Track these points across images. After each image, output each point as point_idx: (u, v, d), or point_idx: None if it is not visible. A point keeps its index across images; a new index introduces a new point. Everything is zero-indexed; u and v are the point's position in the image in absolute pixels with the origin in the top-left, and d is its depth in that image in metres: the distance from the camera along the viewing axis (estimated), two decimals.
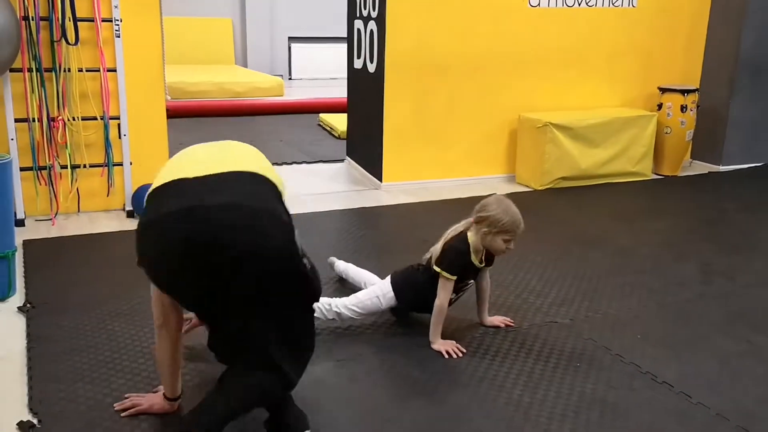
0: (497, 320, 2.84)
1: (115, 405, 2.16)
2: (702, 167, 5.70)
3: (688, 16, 5.58)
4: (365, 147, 5.32)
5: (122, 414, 2.12)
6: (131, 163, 4.19)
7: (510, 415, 2.20)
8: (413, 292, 2.72)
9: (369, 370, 2.44)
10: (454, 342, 2.62)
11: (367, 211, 4.49)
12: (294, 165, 5.62)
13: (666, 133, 5.36)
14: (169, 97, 7.88)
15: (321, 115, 7.56)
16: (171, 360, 2.02)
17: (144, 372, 2.39)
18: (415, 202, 4.67)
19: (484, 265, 2.69)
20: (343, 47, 5.74)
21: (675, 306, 3.04)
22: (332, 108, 7.73)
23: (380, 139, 4.95)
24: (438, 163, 5.09)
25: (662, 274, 3.39)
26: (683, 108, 5.30)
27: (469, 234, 2.64)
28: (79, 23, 3.88)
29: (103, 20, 3.97)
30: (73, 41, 3.88)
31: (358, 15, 5.18)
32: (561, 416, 2.21)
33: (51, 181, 4.05)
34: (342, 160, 5.78)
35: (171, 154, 5.33)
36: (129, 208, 4.18)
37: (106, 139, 4.11)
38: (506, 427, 2.14)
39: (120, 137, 4.14)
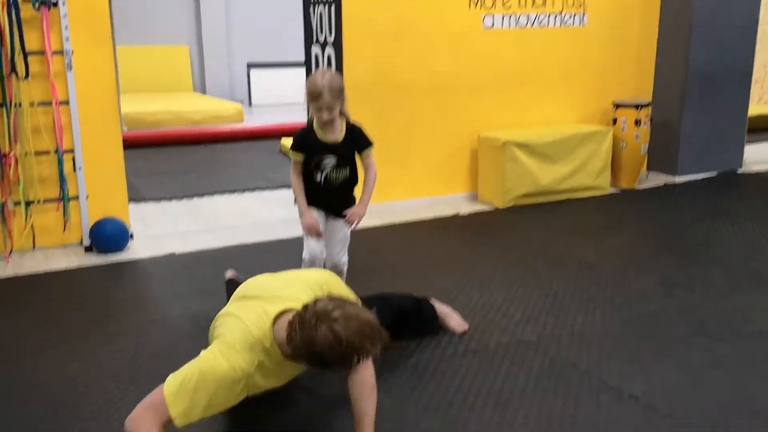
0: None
1: None
2: (658, 179, 5.82)
3: (638, 33, 5.72)
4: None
5: None
6: (87, 197, 4.11)
7: None
8: None
9: (336, 396, 2.40)
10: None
11: None
12: (256, 191, 5.57)
13: (622, 147, 5.46)
14: (125, 128, 7.78)
15: (283, 139, 7.52)
16: None
17: (102, 415, 2.31)
18: (379, 226, 4.66)
19: (340, 141, 3.00)
20: (303, 72, 5.73)
21: (638, 320, 3.07)
22: (293, 132, 7.68)
23: None
24: (400, 183, 5.10)
25: (625, 289, 3.43)
26: (637, 122, 5.41)
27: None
28: (29, 57, 3.81)
29: (54, 53, 3.90)
30: (23, 75, 3.80)
31: (315, 40, 5.19)
32: None
33: (4, 218, 3.94)
34: None
35: (129, 185, 5.28)
36: (87, 243, 4.09)
37: (61, 173, 4.02)
38: None
39: (75, 171, 4.06)
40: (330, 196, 3.09)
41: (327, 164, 3.03)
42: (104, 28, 4.06)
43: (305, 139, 3.04)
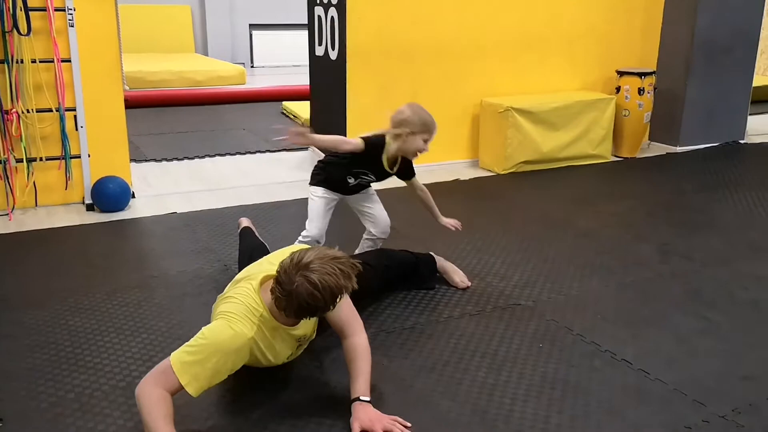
0: (450, 222, 3.14)
1: None
2: (660, 148, 5.81)
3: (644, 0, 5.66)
4: (329, 134, 5.29)
5: None
6: (89, 156, 4.11)
7: (475, 398, 2.23)
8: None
9: (335, 358, 2.45)
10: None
11: None
12: (258, 154, 5.57)
13: (624, 115, 5.44)
14: (126, 87, 7.74)
15: (284, 102, 7.50)
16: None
17: (107, 367, 2.36)
18: (380, 189, 4.66)
19: (394, 171, 3.02)
20: (306, 34, 5.68)
21: (634, 286, 3.10)
22: (295, 96, 7.68)
23: (344, 126, 4.93)
24: None
25: (622, 255, 3.46)
26: (641, 91, 5.38)
27: (387, 136, 2.92)
28: (31, 13, 3.78)
29: (56, 9, 3.87)
30: (25, 32, 3.77)
31: (318, 2, 5.14)
32: (524, 397, 2.25)
33: (6, 175, 3.95)
34: (306, 149, 5.75)
35: (130, 145, 5.25)
36: (88, 201, 4.11)
37: (63, 131, 4.02)
38: (471, 409, 2.17)
39: (77, 129, 4.06)
40: (355, 189, 3.14)
41: (365, 180, 3.08)
42: None
43: (370, 155, 2.94)
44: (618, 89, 5.47)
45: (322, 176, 3.08)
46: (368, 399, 2.07)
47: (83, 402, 2.16)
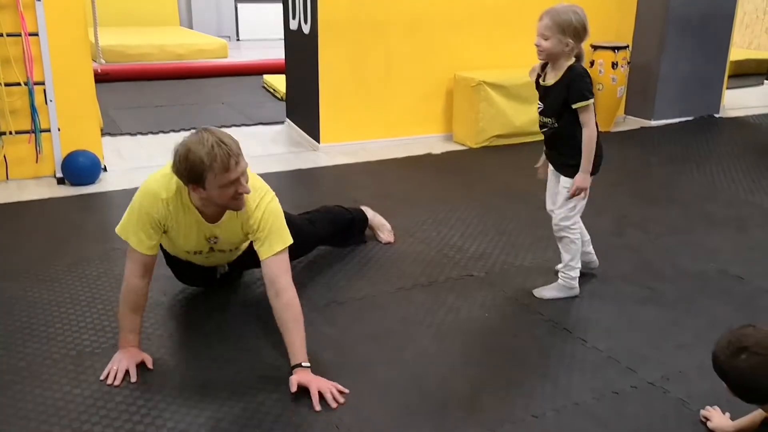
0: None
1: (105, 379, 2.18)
2: (635, 122, 5.85)
3: None
4: (303, 109, 5.33)
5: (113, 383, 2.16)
6: (59, 129, 4.15)
7: (413, 366, 2.30)
8: None
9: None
10: None
11: (304, 173, 4.54)
12: (233, 128, 5.60)
13: (598, 89, 5.46)
14: (103, 61, 7.71)
15: (265, 76, 7.50)
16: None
17: (60, 336, 2.43)
18: (351, 163, 4.73)
19: (550, 86, 2.61)
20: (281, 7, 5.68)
21: None
22: (275, 69, 7.67)
23: (317, 100, 4.96)
24: (376, 123, 5.13)
25: None
26: (614, 65, 5.40)
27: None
28: None
29: None
30: None
31: None
32: (463, 365, 2.32)
33: None
34: (282, 122, 5.78)
35: (107, 118, 5.23)
36: (59, 174, 4.15)
37: (32, 105, 4.05)
38: (410, 377, 2.25)
39: (46, 103, 4.09)
40: (546, 142, 2.82)
41: (539, 109, 2.72)
42: None
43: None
44: (592, 63, 5.49)
45: None
46: (308, 365, 2.15)
47: (33, 370, 2.23)
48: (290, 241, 2.30)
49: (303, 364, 2.14)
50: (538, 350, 2.42)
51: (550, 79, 2.63)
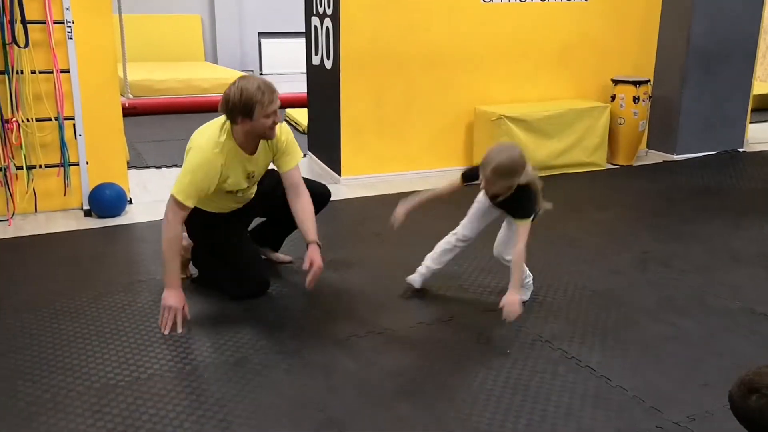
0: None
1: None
2: (657, 156, 5.83)
3: (641, 8, 5.69)
4: (325, 142, 5.40)
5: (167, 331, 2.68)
6: (87, 163, 4.24)
7: (433, 401, 2.29)
8: None
9: (306, 364, 2.52)
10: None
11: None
12: None
13: (619, 123, 5.47)
14: (131, 95, 7.90)
15: (287, 110, 7.61)
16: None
17: (84, 369, 2.45)
18: (371, 196, 4.76)
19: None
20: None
21: (608, 294, 3.15)
22: (297, 103, 7.77)
23: (338, 134, 5.02)
24: (396, 156, 5.18)
25: (601, 263, 3.50)
26: (635, 99, 5.41)
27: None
28: (31, 25, 3.92)
29: (55, 22, 4.01)
30: (23, 44, 3.91)
31: (314, 12, 5.24)
32: (485, 401, 2.30)
33: (7, 182, 4.09)
34: (304, 155, 5.85)
35: (133, 152, 5.31)
36: (86, 207, 4.23)
37: (62, 139, 4.15)
38: (429, 412, 2.23)
39: (75, 137, 4.19)
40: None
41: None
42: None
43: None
44: (613, 97, 5.50)
45: None
46: (320, 243, 2.89)
47: (58, 401, 2.25)
48: (302, 156, 3.09)
49: (317, 242, 2.88)
50: (560, 388, 2.39)
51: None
